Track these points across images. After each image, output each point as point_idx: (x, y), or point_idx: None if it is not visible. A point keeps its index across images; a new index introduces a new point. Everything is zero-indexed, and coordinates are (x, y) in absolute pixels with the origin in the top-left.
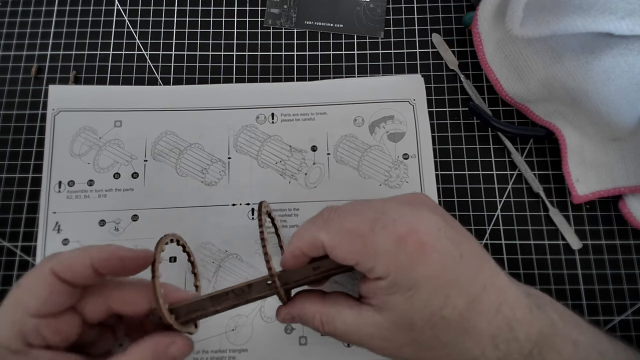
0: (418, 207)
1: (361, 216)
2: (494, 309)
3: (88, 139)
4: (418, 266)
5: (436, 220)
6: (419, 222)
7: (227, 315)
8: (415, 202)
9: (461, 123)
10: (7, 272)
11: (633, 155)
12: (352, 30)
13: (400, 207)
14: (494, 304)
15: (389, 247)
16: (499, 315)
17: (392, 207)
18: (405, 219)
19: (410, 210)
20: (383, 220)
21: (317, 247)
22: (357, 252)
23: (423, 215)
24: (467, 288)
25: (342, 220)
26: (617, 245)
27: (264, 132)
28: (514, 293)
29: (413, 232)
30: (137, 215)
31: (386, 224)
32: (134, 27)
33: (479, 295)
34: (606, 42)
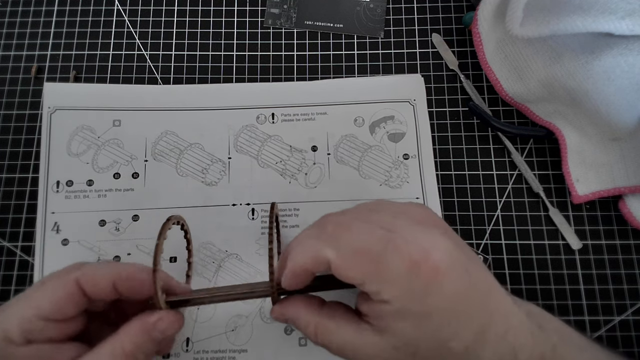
0: (430, 228)
1: (371, 234)
2: (500, 337)
3: (86, 138)
4: (431, 296)
5: (448, 245)
6: (432, 247)
7: (227, 315)
8: (427, 223)
9: (461, 123)
10: (7, 272)
11: (633, 155)
12: (352, 30)
13: (412, 227)
14: (500, 332)
15: (401, 273)
16: (504, 343)
17: (404, 226)
18: (418, 242)
19: (423, 232)
20: (395, 241)
21: (321, 264)
22: (366, 274)
23: (436, 240)
24: (477, 318)
25: (351, 237)
26: (617, 245)
27: (264, 132)
28: (518, 318)
29: (427, 259)
30: (138, 215)
31: (399, 246)
32: (134, 27)
33: (487, 325)
34: (606, 42)
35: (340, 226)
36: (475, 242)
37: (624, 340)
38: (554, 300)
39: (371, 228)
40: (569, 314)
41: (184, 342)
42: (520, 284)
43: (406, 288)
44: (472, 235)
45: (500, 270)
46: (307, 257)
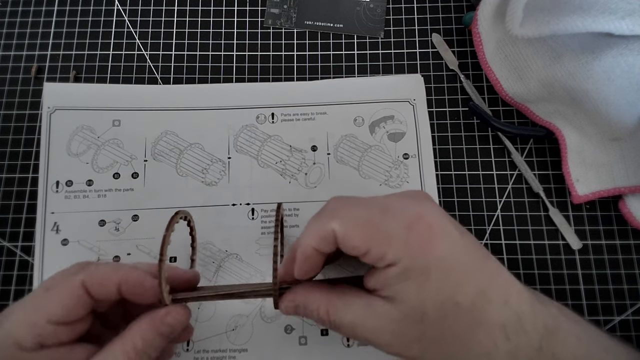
0: (421, 199)
1: (370, 206)
2: (502, 300)
3: (86, 138)
4: (429, 249)
5: (440, 211)
6: (425, 210)
7: (228, 314)
8: (418, 196)
9: (461, 123)
10: (7, 272)
11: (633, 155)
12: (352, 30)
13: (404, 200)
14: (501, 295)
15: (400, 232)
16: (507, 307)
17: (396, 200)
18: (411, 208)
19: (414, 201)
20: (392, 209)
21: (328, 239)
22: (369, 239)
23: (427, 205)
24: (476, 276)
25: (351, 208)
26: (617, 245)
27: (264, 132)
28: (518, 286)
29: (421, 218)
30: (138, 215)
31: (395, 212)
32: (134, 27)
33: (487, 285)
34: (606, 42)
35: (341, 201)
36: None
37: (624, 340)
38: (554, 300)
39: (369, 202)
40: None
41: (185, 342)
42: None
43: (406, 246)
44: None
45: None
46: (315, 235)
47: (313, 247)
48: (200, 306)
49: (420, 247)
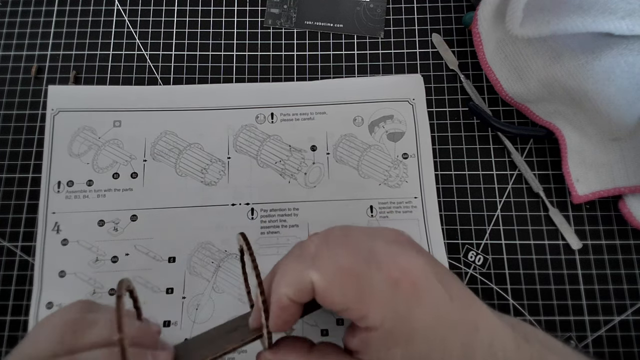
0: (406, 247)
1: (355, 253)
2: (487, 347)
3: (87, 139)
4: (414, 314)
5: (424, 262)
6: (410, 263)
7: (226, 315)
8: (402, 241)
9: (461, 123)
10: (7, 272)
11: (633, 155)
12: (352, 30)
13: (389, 247)
14: (486, 343)
15: (385, 291)
16: (491, 353)
17: (381, 247)
18: (397, 260)
19: (400, 249)
20: (377, 259)
21: (306, 291)
22: (350, 296)
23: (412, 257)
24: (461, 331)
25: (334, 255)
26: (617, 245)
27: (264, 132)
28: (502, 328)
29: (406, 274)
30: (136, 215)
31: (380, 264)
32: (134, 27)
33: (472, 336)
34: (606, 42)
35: (322, 244)
36: (475, 242)
37: (624, 340)
38: (554, 300)
39: (354, 247)
40: (569, 314)
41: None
42: (520, 284)
43: (390, 307)
44: (472, 235)
45: (500, 270)
46: (291, 284)
47: (289, 297)
48: (198, 307)
49: (404, 312)
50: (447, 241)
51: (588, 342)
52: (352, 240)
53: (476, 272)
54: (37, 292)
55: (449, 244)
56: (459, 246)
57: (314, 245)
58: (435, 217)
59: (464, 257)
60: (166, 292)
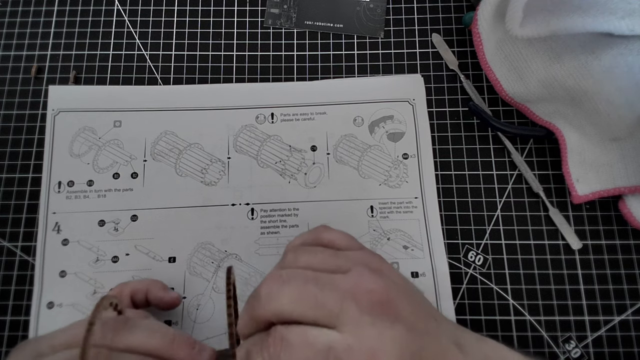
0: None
1: (310, 347)
2: None
3: (88, 139)
4: None
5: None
6: (378, 343)
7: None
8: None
9: (461, 123)
10: (7, 272)
11: (633, 155)
12: (352, 30)
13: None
14: None
15: None
16: None
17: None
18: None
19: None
20: (336, 349)
21: None
22: None
23: (384, 336)
24: None
25: (289, 353)
26: (617, 245)
27: (264, 132)
28: None
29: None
30: (137, 215)
31: (340, 356)
32: (134, 27)
33: None
34: (606, 42)
35: (280, 344)
36: (475, 242)
37: (624, 340)
38: (554, 300)
39: (308, 338)
40: (569, 314)
41: None
42: (520, 284)
43: None
44: (472, 235)
45: (500, 270)
46: None
47: None
48: (198, 307)
49: None
50: (447, 241)
51: (588, 342)
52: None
53: (476, 272)
54: (37, 292)
55: (449, 244)
56: (459, 246)
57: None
58: (436, 217)
59: (464, 257)
60: None
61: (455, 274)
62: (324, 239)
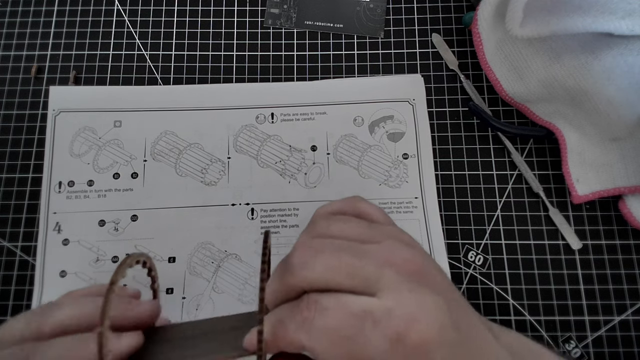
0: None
1: (347, 312)
2: None
3: (88, 139)
4: None
5: (438, 307)
6: (419, 310)
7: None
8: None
9: (461, 123)
10: (7, 272)
11: (633, 155)
12: (352, 30)
13: (398, 287)
14: None
15: (384, 350)
16: None
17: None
18: (402, 306)
19: (410, 289)
20: (374, 314)
21: (295, 347)
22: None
23: (425, 303)
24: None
25: (323, 318)
26: (617, 245)
27: (264, 132)
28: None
29: (413, 326)
30: (137, 215)
31: (378, 319)
32: (134, 27)
33: None
34: (606, 42)
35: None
36: (475, 242)
37: (624, 340)
38: (554, 300)
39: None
40: (569, 314)
41: None
42: (520, 284)
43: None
44: (472, 235)
45: (500, 270)
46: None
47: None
48: (198, 307)
49: None
50: (447, 241)
51: (588, 342)
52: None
53: (476, 272)
54: (38, 291)
55: (449, 244)
56: (459, 246)
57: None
58: (436, 218)
59: (464, 257)
60: (166, 292)
61: (456, 274)
62: (359, 208)
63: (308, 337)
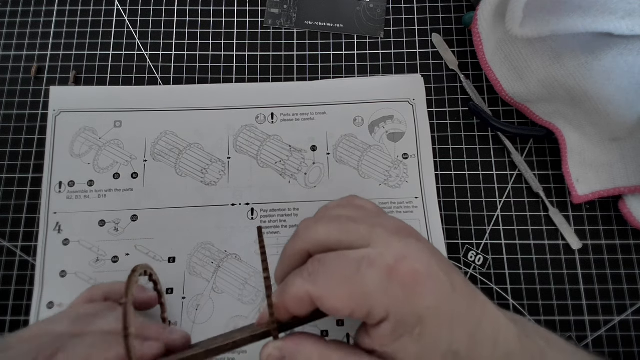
0: (406, 237)
1: (345, 259)
2: (492, 341)
3: (88, 139)
4: (417, 297)
5: (424, 250)
6: (407, 250)
7: (227, 316)
8: (402, 233)
9: (461, 123)
10: (7, 272)
11: (633, 155)
12: (352, 30)
13: (388, 238)
14: (491, 336)
15: (381, 283)
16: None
17: (379, 237)
18: (392, 249)
19: (398, 240)
20: (369, 257)
21: (303, 301)
22: (348, 298)
23: (411, 245)
24: (467, 320)
25: (326, 268)
26: (617, 245)
27: (264, 132)
28: (505, 322)
29: (403, 261)
30: (137, 215)
31: (373, 260)
32: (134, 27)
33: (477, 328)
34: (606, 42)
35: (318, 262)
36: (475, 242)
37: (624, 340)
38: (554, 300)
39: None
40: (569, 314)
41: None
42: (520, 284)
43: (391, 297)
44: (472, 235)
45: (500, 270)
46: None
47: (286, 308)
48: (198, 307)
49: (406, 297)
50: (447, 241)
51: (588, 342)
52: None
53: (476, 272)
54: (38, 291)
55: (449, 244)
56: (459, 246)
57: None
58: (436, 217)
59: (464, 257)
60: (166, 292)
61: None
62: (354, 201)
63: (314, 286)
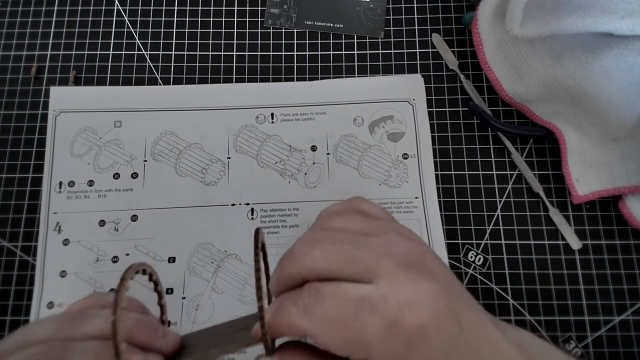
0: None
1: (345, 298)
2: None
3: (88, 140)
4: (420, 353)
5: (434, 293)
6: (415, 294)
7: (226, 316)
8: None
9: (461, 123)
10: (7, 272)
11: (633, 155)
12: (352, 30)
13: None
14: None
15: (382, 334)
16: None
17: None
18: (399, 295)
19: (407, 279)
20: (371, 300)
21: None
22: (345, 343)
23: (420, 289)
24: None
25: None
26: (617, 245)
27: (264, 132)
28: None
29: (409, 311)
30: (137, 215)
31: (375, 304)
32: (134, 27)
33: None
34: (606, 42)
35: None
36: (475, 242)
37: (624, 340)
38: (554, 300)
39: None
40: (569, 314)
41: None
42: (520, 284)
43: (391, 352)
44: (472, 235)
45: (500, 270)
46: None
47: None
48: (198, 307)
49: (409, 352)
50: (447, 241)
51: (588, 342)
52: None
53: (476, 272)
54: (38, 291)
55: (449, 244)
56: (459, 246)
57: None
58: (436, 217)
59: (464, 257)
60: (166, 292)
61: (456, 274)
62: (360, 206)
63: (308, 322)
